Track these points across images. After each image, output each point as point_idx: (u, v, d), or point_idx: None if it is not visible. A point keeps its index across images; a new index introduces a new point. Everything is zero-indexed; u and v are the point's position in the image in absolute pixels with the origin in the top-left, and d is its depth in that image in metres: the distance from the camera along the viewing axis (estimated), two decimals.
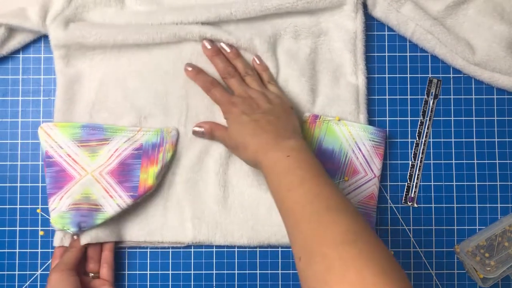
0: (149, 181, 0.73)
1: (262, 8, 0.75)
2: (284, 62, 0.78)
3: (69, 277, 0.69)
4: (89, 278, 0.73)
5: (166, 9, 0.76)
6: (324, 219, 0.56)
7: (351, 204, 0.60)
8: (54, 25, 0.74)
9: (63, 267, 0.69)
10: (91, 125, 0.74)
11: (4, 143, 0.78)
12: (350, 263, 0.51)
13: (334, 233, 0.54)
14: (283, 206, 0.61)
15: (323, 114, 0.77)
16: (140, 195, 0.73)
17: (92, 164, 0.73)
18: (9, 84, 0.79)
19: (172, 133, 0.75)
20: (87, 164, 0.73)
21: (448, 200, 0.79)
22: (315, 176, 0.62)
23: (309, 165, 0.63)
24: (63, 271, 0.69)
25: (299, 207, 0.59)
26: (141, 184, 0.73)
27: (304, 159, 0.64)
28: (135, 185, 0.73)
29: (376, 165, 0.76)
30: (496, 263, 0.74)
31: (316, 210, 0.57)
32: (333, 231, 0.55)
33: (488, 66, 0.77)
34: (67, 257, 0.71)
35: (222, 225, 0.75)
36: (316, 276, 0.53)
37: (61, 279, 0.68)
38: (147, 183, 0.73)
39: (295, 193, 0.60)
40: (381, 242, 0.55)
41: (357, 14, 0.77)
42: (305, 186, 0.60)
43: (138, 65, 0.77)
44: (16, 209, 0.77)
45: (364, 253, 0.52)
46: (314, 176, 0.62)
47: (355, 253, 0.52)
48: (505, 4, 0.79)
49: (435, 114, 0.80)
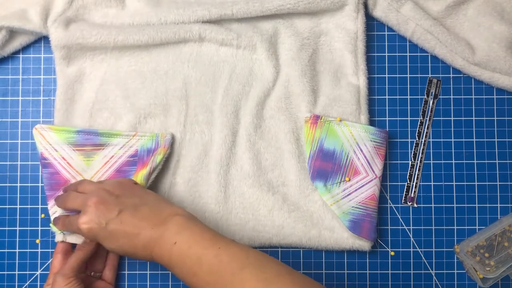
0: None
1: (263, 8, 0.75)
2: (285, 62, 0.78)
3: (75, 282, 0.66)
4: (90, 278, 0.73)
5: (167, 10, 0.76)
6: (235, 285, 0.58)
7: (261, 252, 0.62)
8: (55, 25, 0.74)
9: (71, 274, 0.67)
10: (86, 130, 0.74)
11: (4, 143, 0.78)
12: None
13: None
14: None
15: (324, 114, 0.77)
16: None
17: (88, 170, 0.73)
18: (9, 84, 0.78)
19: (166, 138, 0.75)
20: (83, 169, 0.73)
21: (448, 200, 0.79)
22: (209, 245, 0.60)
23: (198, 236, 0.61)
24: (70, 278, 0.66)
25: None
26: None
27: (190, 234, 0.61)
28: None
29: (377, 166, 0.76)
30: (496, 263, 0.74)
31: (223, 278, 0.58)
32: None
33: (488, 66, 0.78)
34: (75, 260, 0.68)
35: (223, 226, 0.75)
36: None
37: (67, 286, 0.66)
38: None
39: (199, 278, 0.59)
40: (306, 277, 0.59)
41: (358, 14, 0.77)
42: (204, 265, 0.59)
43: (138, 65, 0.77)
44: (16, 209, 0.77)
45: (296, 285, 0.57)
46: (208, 245, 0.60)
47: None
48: (505, 4, 0.79)
49: (435, 114, 0.80)
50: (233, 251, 0.60)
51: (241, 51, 0.78)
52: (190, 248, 0.60)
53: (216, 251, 0.60)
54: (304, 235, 0.75)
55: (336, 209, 0.74)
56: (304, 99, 0.77)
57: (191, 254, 0.60)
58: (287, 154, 0.76)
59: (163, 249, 0.61)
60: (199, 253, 0.60)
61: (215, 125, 0.77)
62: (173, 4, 0.77)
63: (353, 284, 0.77)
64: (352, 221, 0.74)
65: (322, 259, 0.77)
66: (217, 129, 0.76)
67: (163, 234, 0.62)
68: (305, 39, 0.78)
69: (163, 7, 0.77)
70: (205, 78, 0.77)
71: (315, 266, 0.77)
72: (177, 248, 0.60)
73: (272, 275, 0.57)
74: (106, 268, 0.74)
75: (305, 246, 0.75)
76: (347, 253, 0.78)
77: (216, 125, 0.77)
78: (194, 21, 0.76)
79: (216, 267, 0.59)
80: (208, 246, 0.60)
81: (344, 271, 0.77)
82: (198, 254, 0.60)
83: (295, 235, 0.75)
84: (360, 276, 0.77)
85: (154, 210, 0.64)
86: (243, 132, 0.76)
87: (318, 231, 0.75)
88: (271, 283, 0.56)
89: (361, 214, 0.74)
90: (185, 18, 0.76)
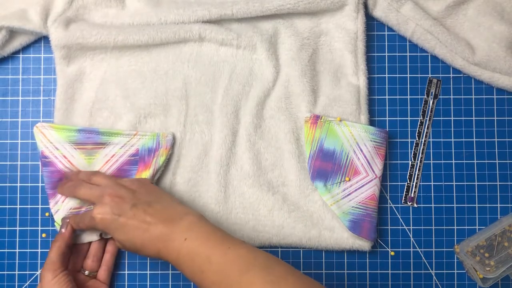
0: None
1: (263, 8, 0.75)
2: (285, 62, 0.78)
3: (64, 278, 0.66)
4: (84, 276, 0.72)
5: (167, 10, 0.76)
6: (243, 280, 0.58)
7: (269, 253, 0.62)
8: (55, 25, 0.74)
9: (56, 266, 0.67)
10: (87, 129, 0.74)
11: (4, 143, 0.78)
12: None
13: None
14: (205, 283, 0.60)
15: (324, 114, 0.77)
16: None
17: (89, 168, 0.73)
18: (9, 84, 0.78)
19: (167, 138, 0.75)
20: (84, 167, 0.73)
21: (448, 200, 0.79)
22: (218, 244, 0.61)
23: (208, 234, 0.62)
24: (57, 271, 0.66)
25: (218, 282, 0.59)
26: None
27: (201, 233, 0.62)
28: None
29: (377, 166, 0.76)
30: (496, 263, 0.74)
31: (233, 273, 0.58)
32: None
33: (488, 66, 0.78)
34: (54, 253, 0.67)
35: (223, 225, 0.75)
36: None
37: (55, 281, 0.66)
38: None
39: (207, 276, 0.59)
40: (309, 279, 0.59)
41: (358, 14, 0.77)
42: (212, 264, 0.59)
43: (138, 65, 0.77)
44: (16, 209, 0.77)
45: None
46: (217, 244, 0.61)
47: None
48: (505, 4, 0.79)
49: (435, 114, 0.80)
50: (242, 252, 0.60)
51: (241, 51, 0.78)
52: (200, 246, 0.61)
53: (225, 250, 0.60)
54: (304, 235, 0.75)
55: (336, 209, 0.74)
56: (304, 99, 0.77)
57: (201, 252, 0.60)
58: (287, 154, 0.76)
59: (173, 245, 0.62)
60: (208, 251, 0.60)
61: (215, 125, 0.77)
62: (173, 4, 0.77)
63: (353, 284, 0.77)
64: (352, 221, 0.74)
65: (322, 259, 0.77)
66: (217, 129, 0.76)
67: (173, 230, 0.62)
68: (305, 39, 0.78)
69: (163, 7, 0.77)
70: (205, 78, 0.77)
71: (315, 266, 0.77)
72: (187, 245, 0.61)
73: (277, 276, 0.58)
74: (101, 268, 0.74)
75: (305, 246, 0.75)
76: (347, 253, 0.78)
77: (216, 125, 0.77)
78: (194, 21, 0.76)
79: (223, 266, 0.59)
80: (217, 245, 0.61)
81: (344, 271, 0.77)
82: (207, 252, 0.60)
83: (295, 235, 0.75)
84: (360, 276, 0.77)
85: (167, 208, 0.65)
86: (243, 132, 0.76)
87: (318, 231, 0.75)
88: (276, 284, 0.56)
89: (361, 214, 0.74)
90: (185, 18, 0.76)
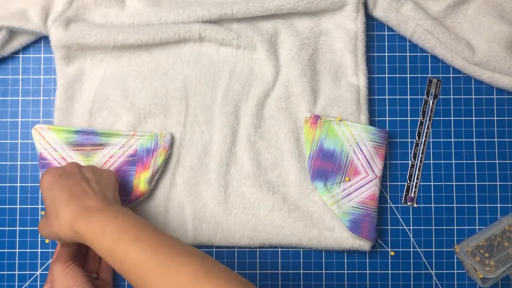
0: (140, 187, 0.74)
1: (263, 8, 0.75)
2: (285, 62, 0.78)
3: (76, 268, 0.65)
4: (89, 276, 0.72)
5: (167, 10, 0.76)
6: (172, 266, 0.56)
7: (193, 247, 0.60)
8: (55, 25, 0.74)
9: (66, 258, 0.66)
10: (85, 130, 0.74)
11: (4, 143, 0.78)
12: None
13: (184, 277, 0.55)
14: (125, 266, 0.58)
15: (324, 114, 0.77)
16: (133, 200, 0.74)
17: None
18: (9, 84, 0.79)
19: (166, 138, 0.75)
20: None
21: (448, 200, 0.79)
22: (149, 230, 0.60)
23: (140, 222, 0.61)
24: (68, 262, 0.66)
25: (142, 262, 0.57)
26: (134, 190, 0.74)
27: (133, 218, 0.61)
28: (129, 190, 0.74)
29: (377, 166, 0.76)
30: (496, 263, 0.74)
31: (162, 260, 0.56)
32: (182, 275, 0.55)
33: (488, 66, 0.78)
34: (64, 247, 0.67)
35: (223, 226, 0.75)
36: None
37: (67, 271, 0.65)
38: (139, 188, 0.74)
39: (134, 250, 0.57)
40: (234, 274, 0.57)
41: (358, 14, 0.77)
42: (143, 241, 0.58)
43: (138, 65, 0.77)
44: (16, 209, 0.77)
45: (218, 285, 0.54)
46: (148, 231, 0.60)
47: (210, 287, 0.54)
48: (505, 4, 0.79)
49: (435, 114, 0.80)
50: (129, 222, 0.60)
51: (241, 51, 0.78)
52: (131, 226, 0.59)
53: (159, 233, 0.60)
54: (304, 235, 0.75)
55: (336, 209, 0.74)
56: (304, 99, 0.77)
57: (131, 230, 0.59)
58: (287, 154, 0.76)
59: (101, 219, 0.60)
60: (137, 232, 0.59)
61: (215, 125, 0.77)
62: (173, 4, 0.77)
63: (353, 284, 0.77)
64: (352, 221, 0.74)
65: (322, 259, 0.77)
66: (217, 129, 0.76)
67: (107, 207, 0.61)
68: (305, 39, 0.78)
69: (163, 7, 0.77)
70: (205, 78, 0.77)
71: (315, 266, 0.77)
72: (116, 222, 0.59)
73: (148, 245, 0.58)
74: (102, 270, 0.74)
75: (305, 246, 0.75)
76: (347, 253, 0.78)
77: (216, 125, 0.77)
78: (194, 21, 0.76)
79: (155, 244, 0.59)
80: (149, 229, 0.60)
81: (344, 271, 0.77)
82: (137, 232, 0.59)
83: (295, 235, 0.75)
84: (360, 276, 0.77)
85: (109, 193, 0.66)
86: (243, 132, 0.76)
87: (318, 231, 0.75)
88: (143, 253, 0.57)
89: (361, 214, 0.74)
90: (185, 18, 0.76)
